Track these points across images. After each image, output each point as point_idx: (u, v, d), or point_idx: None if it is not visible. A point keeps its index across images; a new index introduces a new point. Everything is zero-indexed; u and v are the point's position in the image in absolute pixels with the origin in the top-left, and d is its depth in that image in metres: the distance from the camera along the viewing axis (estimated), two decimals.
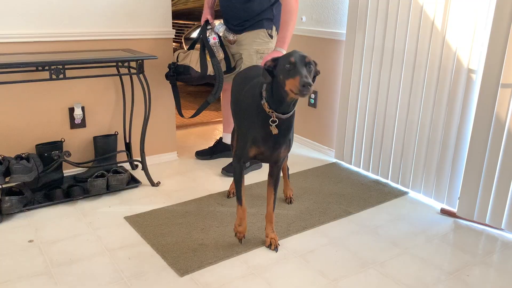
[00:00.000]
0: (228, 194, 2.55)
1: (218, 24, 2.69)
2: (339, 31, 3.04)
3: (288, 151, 1.97)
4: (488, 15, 2.17)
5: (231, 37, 2.67)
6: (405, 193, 2.69)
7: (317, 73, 1.81)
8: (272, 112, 1.80)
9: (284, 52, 2.33)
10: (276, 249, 2.04)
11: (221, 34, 2.68)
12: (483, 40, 2.21)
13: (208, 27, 2.72)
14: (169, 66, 2.74)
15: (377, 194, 2.66)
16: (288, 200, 2.49)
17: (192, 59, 2.67)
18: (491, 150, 2.21)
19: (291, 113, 1.83)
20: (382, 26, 2.67)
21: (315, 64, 1.78)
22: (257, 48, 2.61)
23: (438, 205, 2.53)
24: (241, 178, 2.04)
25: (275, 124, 1.81)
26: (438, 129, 2.47)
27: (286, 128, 1.87)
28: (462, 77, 2.32)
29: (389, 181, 2.82)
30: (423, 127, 2.55)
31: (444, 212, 2.46)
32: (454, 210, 2.43)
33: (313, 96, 3.33)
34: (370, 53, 2.77)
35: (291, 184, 2.68)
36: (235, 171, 2.05)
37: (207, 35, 2.68)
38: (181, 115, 2.83)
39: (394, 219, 2.38)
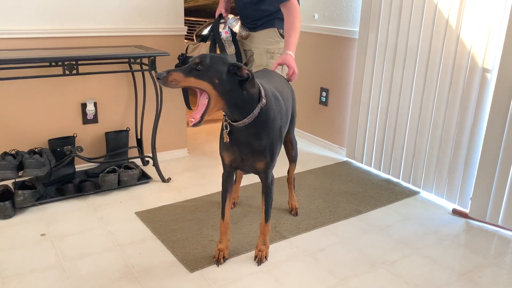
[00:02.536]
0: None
1: (232, 18, 2.66)
2: (351, 29, 3.02)
3: (265, 163, 1.76)
4: (504, 13, 2.13)
5: (243, 32, 2.65)
6: (416, 192, 2.66)
7: (243, 75, 1.56)
8: (224, 117, 1.70)
9: (293, 55, 2.29)
10: (259, 262, 1.91)
11: (233, 29, 2.66)
12: (499, 39, 2.17)
13: (221, 20, 2.70)
14: (179, 58, 2.74)
15: (388, 193, 2.64)
16: (294, 212, 2.34)
17: (201, 52, 2.67)
18: (505, 150, 2.18)
19: (243, 122, 1.64)
20: (395, 23, 2.65)
21: (227, 64, 1.56)
22: (268, 48, 2.60)
23: (450, 206, 2.50)
24: (226, 189, 1.89)
25: (229, 130, 1.70)
26: (451, 128, 2.45)
27: (253, 138, 1.70)
28: (476, 76, 2.29)
29: (400, 181, 2.80)
30: (436, 126, 2.53)
31: (455, 212, 2.44)
32: (466, 210, 2.41)
33: (324, 94, 3.32)
34: (383, 51, 2.75)
35: (301, 184, 2.68)
36: (222, 181, 1.92)
37: (220, 29, 2.66)
38: (188, 107, 2.81)
39: (405, 219, 2.37)
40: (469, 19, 2.28)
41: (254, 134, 1.70)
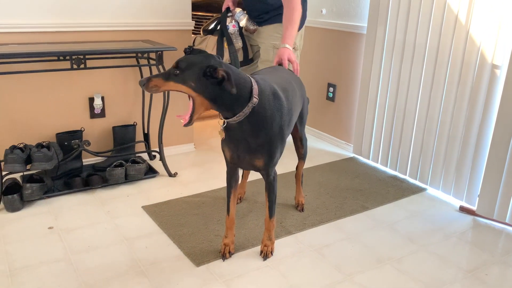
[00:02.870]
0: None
1: (239, 11, 2.65)
2: (359, 24, 3.01)
3: (263, 162, 1.76)
4: None
5: (251, 26, 2.64)
6: (423, 189, 2.65)
7: (219, 77, 1.53)
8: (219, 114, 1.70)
9: (290, 49, 2.27)
10: (265, 257, 1.92)
11: (241, 22, 2.65)
12: (509, 35, 2.15)
13: (229, 14, 2.70)
14: (185, 50, 2.70)
15: (395, 190, 2.63)
16: (300, 208, 2.34)
17: (208, 45, 2.65)
18: None
19: (233, 120, 1.64)
20: (404, 19, 2.63)
21: (200, 69, 1.54)
22: (274, 43, 2.58)
23: (457, 203, 2.49)
24: (230, 185, 1.90)
25: (225, 126, 1.69)
26: (459, 125, 2.43)
27: (249, 135, 1.69)
28: (485, 72, 2.27)
29: (407, 177, 2.79)
30: (444, 123, 2.51)
31: (463, 209, 2.43)
32: (474, 208, 2.39)
33: (331, 90, 3.31)
34: (391, 47, 2.73)
35: (308, 180, 2.68)
36: (226, 177, 1.93)
37: (227, 23, 2.65)
38: None
39: (412, 215, 2.36)
40: (479, 14, 2.26)
41: (249, 132, 1.69)
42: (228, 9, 2.69)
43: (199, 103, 1.58)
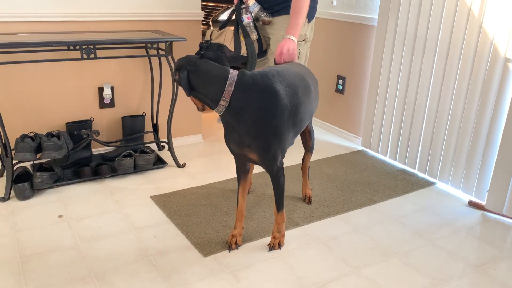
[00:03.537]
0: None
1: (253, 3, 2.63)
2: (370, 16, 2.98)
3: (258, 157, 1.77)
4: None
5: (266, 17, 2.62)
6: (432, 183, 2.64)
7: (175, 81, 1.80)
8: None
9: (295, 40, 2.24)
10: (270, 249, 1.93)
11: (254, 14, 2.63)
12: None
13: (242, 6, 2.67)
14: (201, 45, 2.66)
15: (403, 183, 2.62)
16: (308, 200, 2.34)
17: (226, 38, 2.63)
18: None
19: (218, 111, 1.70)
20: (415, 11, 2.59)
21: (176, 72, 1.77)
22: (284, 35, 2.57)
23: (466, 197, 2.47)
24: (239, 177, 1.92)
25: (221, 115, 1.75)
26: (470, 119, 2.41)
27: (241, 129, 1.72)
28: (498, 66, 2.24)
29: (416, 171, 2.77)
30: (454, 116, 2.49)
31: (472, 204, 2.41)
32: (483, 202, 2.38)
33: (341, 82, 3.29)
34: (402, 40, 2.70)
35: (316, 172, 2.67)
36: (235, 169, 1.96)
37: (241, 15, 2.63)
38: None
39: (420, 209, 2.35)
40: (492, 7, 2.22)
41: (235, 124, 1.72)
42: (241, 1, 2.67)
43: (192, 97, 1.78)
